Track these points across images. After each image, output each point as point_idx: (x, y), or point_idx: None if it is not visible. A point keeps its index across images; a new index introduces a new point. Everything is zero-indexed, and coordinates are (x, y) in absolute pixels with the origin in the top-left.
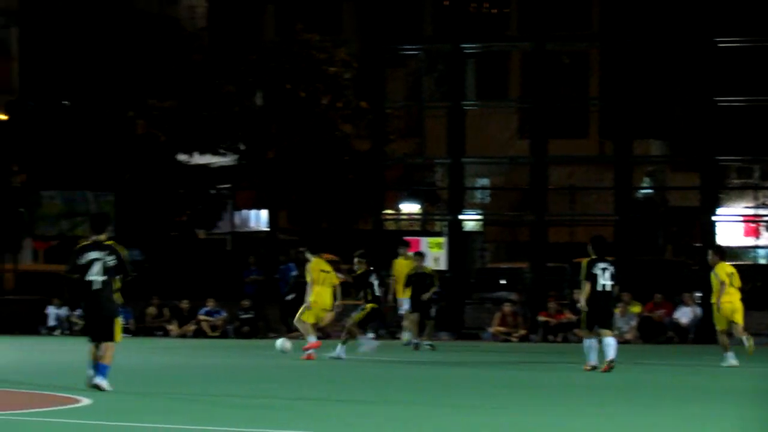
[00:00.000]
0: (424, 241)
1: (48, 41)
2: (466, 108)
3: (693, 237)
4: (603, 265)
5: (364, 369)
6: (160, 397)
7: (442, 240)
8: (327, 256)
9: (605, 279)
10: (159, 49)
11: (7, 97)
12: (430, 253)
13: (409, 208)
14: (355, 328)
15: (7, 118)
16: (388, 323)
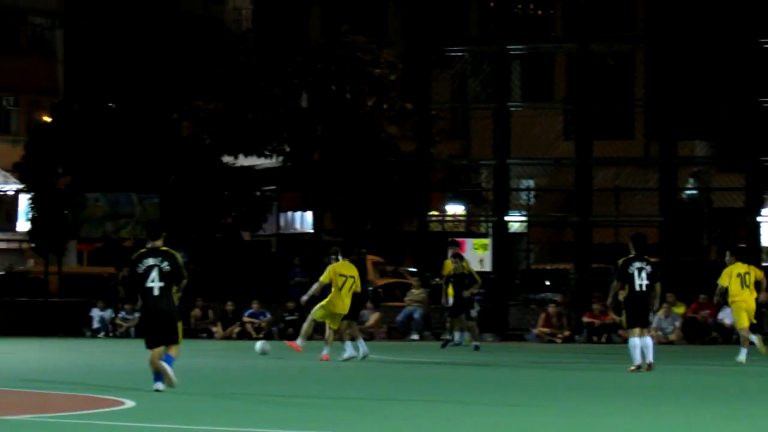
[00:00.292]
0: (469, 242)
1: (93, 43)
2: (511, 109)
3: (738, 238)
4: (639, 264)
5: (408, 370)
6: (205, 399)
7: (487, 241)
8: (372, 258)
9: (642, 278)
10: (204, 50)
11: (52, 98)
12: (475, 255)
13: (454, 209)
14: (356, 330)
15: (51, 120)
16: (432, 324)
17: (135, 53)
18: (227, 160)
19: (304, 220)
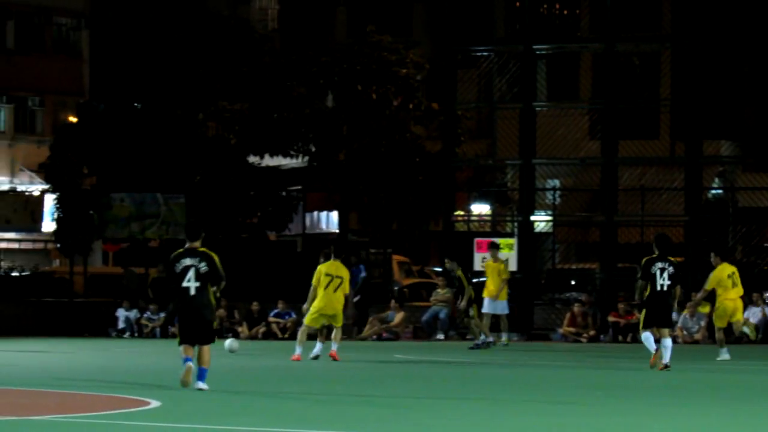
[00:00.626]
0: (490, 242)
1: (118, 43)
2: (537, 109)
3: (763, 237)
4: (661, 264)
5: (435, 369)
6: (230, 399)
7: (512, 241)
8: (398, 257)
9: (663, 279)
10: (230, 51)
11: (78, 99)
12: (500, 255)
13: (480, 209)
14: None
15: (77, 120)
16: (457, 324)
17: (160, 53)
18: (253, 160)
19: (330, 220)
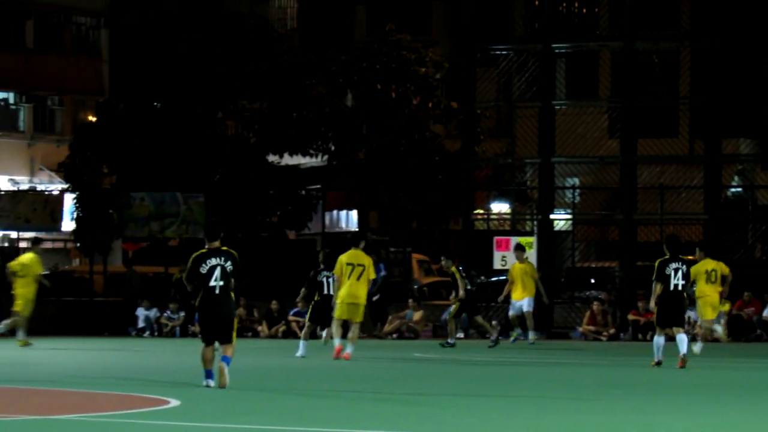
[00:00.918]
0: (514, 240)
1: (138, 42)
2: (556, 107)
3: None
4: (675, 265)
5: (451, 368)
6: (250, 398)
7: (531, 239)
8: (417, 256)
9: (677, 279)
10: (249, 49)
11: (97, 98)
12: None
13: (499, 207)
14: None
15: (96, 119)
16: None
17: (179, 52)
18: (272, 159)
19: (350, 219)
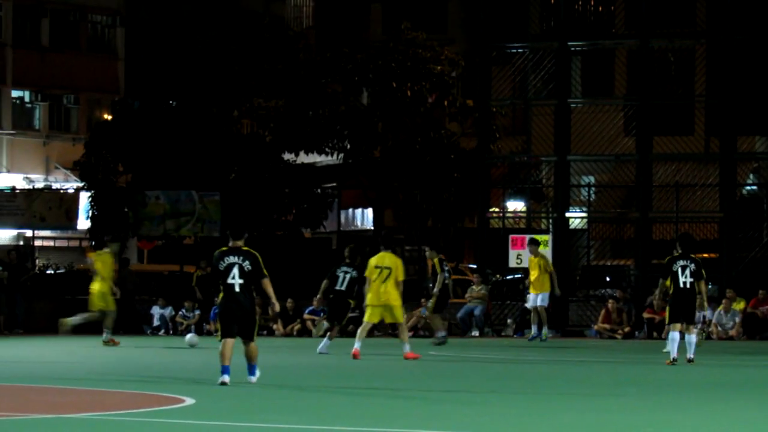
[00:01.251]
0: (529, 238)
1: (153, 41)
2: (571, 105)
3: None
4: (683, 262)
5: (467, 366)
6: (265, 396)
7: (547, 237)
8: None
9: (685, 276)
10: (265, 48)
11: (113, 96)
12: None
13: (515, 205)
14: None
15: (112, 118)
16: (492, 321)
17: (196, 51)
18: (288, 157)
19: (365, 217)
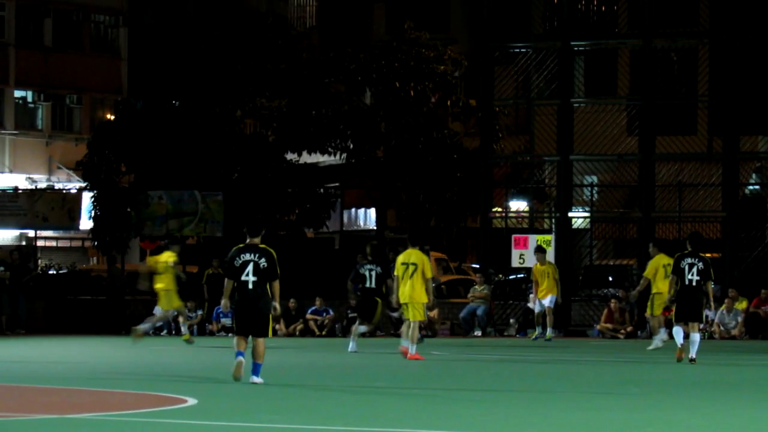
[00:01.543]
0: (532, 238)
1: (156, 41)
2: (574, 105)
3: None
4: (690, 260)
5: (469, 366)
6: (267, 396)
7: (550, 237)
8: (435, 254)
9: (692, 274)
10: (268, 48)
11: (116, 96)
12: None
13: (517, 205)
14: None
15: (115, 118)
16: (495, 321)
17: (198, 51)
18: (291, 157)
19: (368, 217)
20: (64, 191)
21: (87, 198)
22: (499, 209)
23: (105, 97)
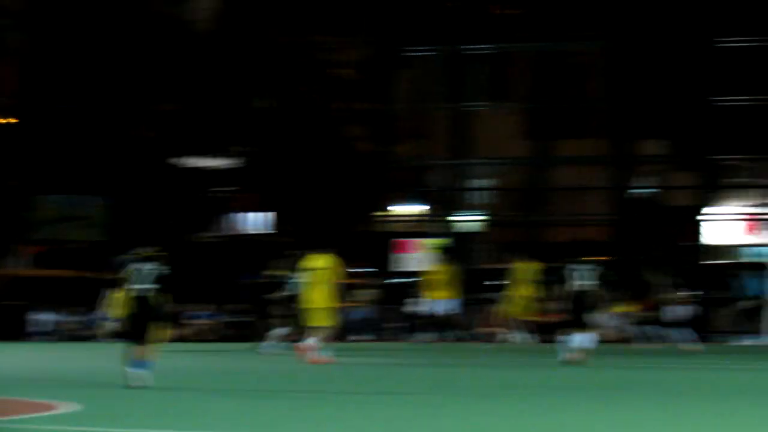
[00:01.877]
0: (424, 241)
1: (52, 43)
2: (470, 109)
3: (690, 235)
4: (580, 266)
5: (352, 369)
6: (154, 401)
7: (442, 241)
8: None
9: (582, 279)
10: (165, 50)
11: (8, 99)
12: (430, 255)
13: (412, 209)
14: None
15: (6, 121)
16: (381, 325)
17: (94, 54)
18: (183, 161)
19: (258, 221)
20: None
21: None
22: (392, 213)
23: None
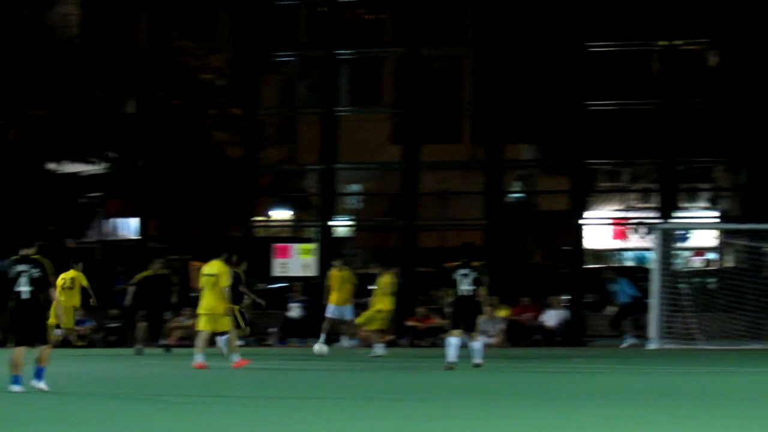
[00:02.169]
0: (295, 247)
1: None
2: (339, 114)
3: (562, 240)
4: (464, 270)
5: (224, 373)
6: (37, 406)
7: (313, 246)
8: (197, 264)
9: (466, 284)
10: (31, 56)
11: None
12: (300, 260)
13: (281, 214)
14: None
15: None
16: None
17: None
18: (52, 166)
19: (130, 227)
20: None
21: None
22: (263, 218)
23: None
